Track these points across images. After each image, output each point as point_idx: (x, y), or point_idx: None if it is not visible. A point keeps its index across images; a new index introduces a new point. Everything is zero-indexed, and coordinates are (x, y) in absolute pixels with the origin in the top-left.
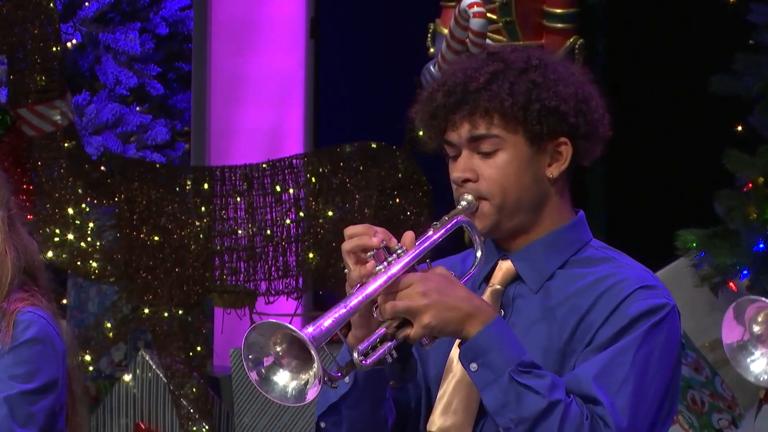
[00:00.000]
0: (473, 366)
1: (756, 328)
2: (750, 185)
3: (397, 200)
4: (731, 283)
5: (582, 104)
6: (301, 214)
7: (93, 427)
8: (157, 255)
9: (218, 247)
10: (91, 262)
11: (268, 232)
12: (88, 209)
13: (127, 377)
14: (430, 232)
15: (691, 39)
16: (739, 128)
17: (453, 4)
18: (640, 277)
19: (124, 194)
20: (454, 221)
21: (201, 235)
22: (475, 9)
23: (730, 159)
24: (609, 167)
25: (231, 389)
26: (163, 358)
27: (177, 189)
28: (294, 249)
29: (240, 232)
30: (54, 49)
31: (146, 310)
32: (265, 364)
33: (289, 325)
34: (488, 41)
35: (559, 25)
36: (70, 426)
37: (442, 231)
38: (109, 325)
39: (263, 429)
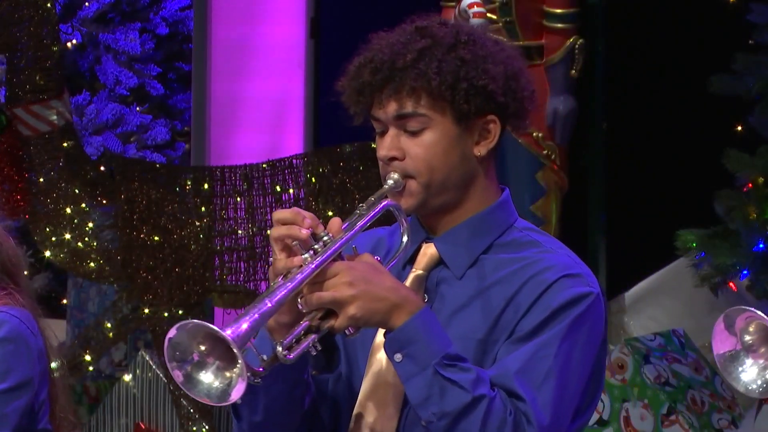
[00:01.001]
0: (398, 357)
1: (747, 338)
2: (750, 185)
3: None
4: (731, 283)
5: (511, 81)
6: None
7: (93, 427)
8: (157, 255)
9: (218, 247)
10: (89, 262)
11: (268, 232)
12: (86, 209)
13: (127, 377)
14: (356, 217)
15: (691, 39)
16: (739, 128)
17: (453, 4)
18: (564, 264)
19: (124, 194)
20: (381, 205)
21: (201, 235)
22: (475, 9)
23: (730, 159)
24: (609, 167)
25: None
26: (163, 358)
27: (177, 189)
28: None
29: (240, 232)
30: (52, 48)
31: (146, 310)
32: (189, 364)
33: (212, 326)
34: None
35: (559, 25)
36: (55, 423)
37: (369, 216)
38: (109, 325)
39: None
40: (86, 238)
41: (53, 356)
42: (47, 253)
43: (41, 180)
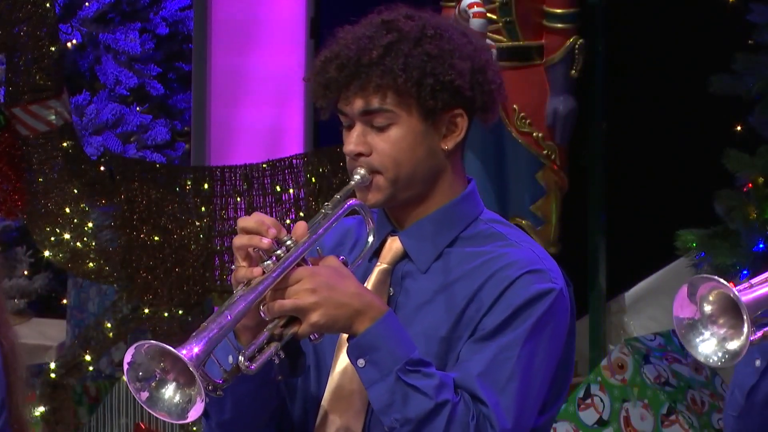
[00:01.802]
0: (360, 362)
1: (707, 308)
2: (750, 185)
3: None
4: (731, 283)
5: (478, 75)
6: (301, 214)
7: (93, 427)
8: (157, 255)
9: (218, 247)
10: (88, 262)
11: None
12: (86, 209)
13: None
14: (321, 217)
15: (691, 39)
16: (739, 128)
17: (453, 4)
18: (527, 259)
19: (124, 194)
20: (347, 205)
21: (201, 235)
22: (475, 9)
23: (730, 159)
24: (609, 167)
25: None
26: None
27: (177, 189)
28: None
29: None
30: (51, 48)
31: (146, 310)
32: (153, 381)
33: (168, 347)
34: (488, 41)
35: (559, 25)
36: (14, 425)
37: (333, 218)
38: (109, 325)
39: None
40: (85, 238)
41: (17, 358)
42: (46, 253)
43: (40, 180)
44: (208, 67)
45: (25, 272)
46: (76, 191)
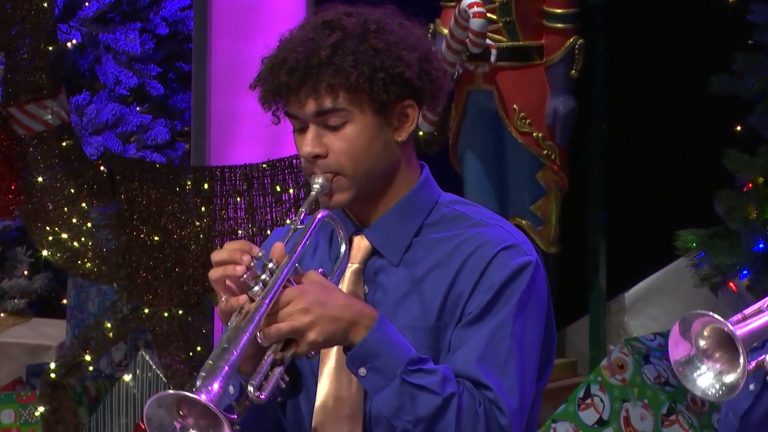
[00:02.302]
0: (362, 371)
1: (702, 343)
2: (750, 185)
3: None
4: (731, 283)
5: (425, 64)
6: None
7: (93, 427)
8: (157, 255)
9: (218, 247)
10: (86, 261)
11: (268, 232)
12: (84, 209)
13: (127, 377)
14: (293, 234)
15: (691, 39)
16: (739, 128)
17: (453, 4)
18: (499, 237)
19: (124, 194)
20: (317, 219)
21: (201, 235)
22: (475, 9)
23: (730, 159)
24: (609, 167)
25: None
26: (163, 358)
27: (177, 189)
28: None
29: (240, 232)
30: (48, 48)
31: (146, 310)
32: None
33: (187, 393)
34: (488, 41)
35: (559, 25)
36: None
37: (308, 234)
38: (109, 325)
39: None
40: (83, 238)
41: None
42: (44, 253)
43: (38, 180)
44: (208, 67)
45: (25, 272)
46: (73, 191)
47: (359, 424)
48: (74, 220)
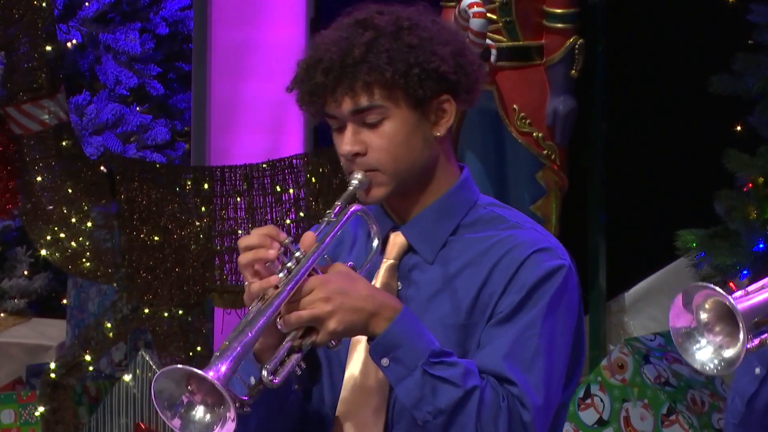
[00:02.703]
0: (384, 362)
1: (703, 316)
2: (750, 185)
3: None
4: (731, 283)
5: (459, 58)
6: (301, 214)
7: (93, 427)
8: (157, 255)
9: (218, 247)
10: (84, 261)
11: None
12: (83, 208)
13: (127, 377)
14: (325, 225)
15: (691, 39)
16: (739, 128)
17: (453, 4)
18: (533, 239)
19: (124, 194)
20: (349, 212)
21: (201, 235)
22: (475, 9)
23: (730, 159)
24: (609, 167)
25: None
26: (163, 358)
27: (177, 189)
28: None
29: (240, 232)
30: (46, 48)
31: (146, 310)
32: (181, 407)
33: (195, 369)
34: (488, 41)
35: (559, 25)
36: None
37: (338, 227)
38: (109, 325)
39: None
40: (80, 238)
41: None
42: (43, 252)
43: (36, 179)
44: (209, 66)
45: (25, 272)
46: (71, 191)
47: (382, 416)
48: (73, 220)
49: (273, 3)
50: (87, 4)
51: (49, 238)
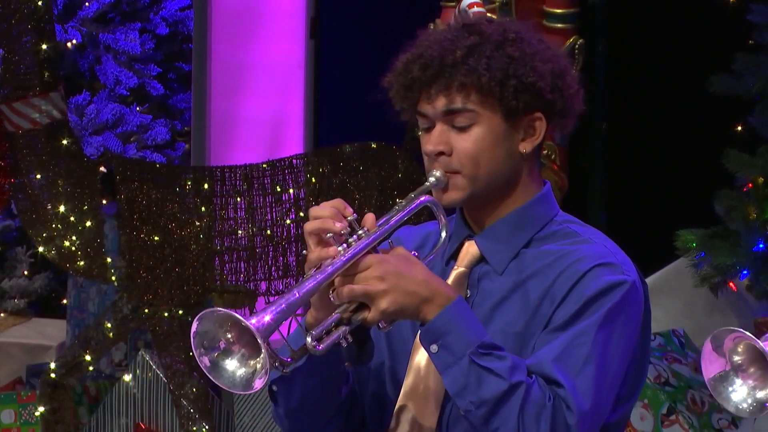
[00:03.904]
0: (433, 348)
1: (736, 358)
2: (750, 185)
3: (398, 200)
4: (731, 283)
5: (558, 80)
6: (301, 214)
7: (93, 427)
8: (157, 255)
9: (218, 247)
10: (81, 259)
11: (269, 232)
12: (77, 207)
13: (127, 377)
14: (393, 212)
15: (691, 39)
16: (739, 128)
17: (453, 4)
18: (598, 253)
19: (124, 194)
20: (418, 201)
21: (201, 235)
22: (475, 9)
23: (730, 159)
24: (609, 167)
25: None
26: (163, 358)
27: (177, 189)
28: (294, 249)
29: (240, 232)
30: (41, 46)
31: (146, 310)
32: (216, 351)
33: (238, 315)
34: None
35: (559, 25)
36: None
37: (405, 212)
38: (109, 325)
39: (263, 429)
40: (72, 236)
41: None
42: (40, 249)
43: (28, 177)
44: (209, 66)
45: (25, 272)
46: (68, 189)
47: (436, 414)
48: (72, 219)
49: (273, 4)
50: (87, 4)
51: (45, 235)
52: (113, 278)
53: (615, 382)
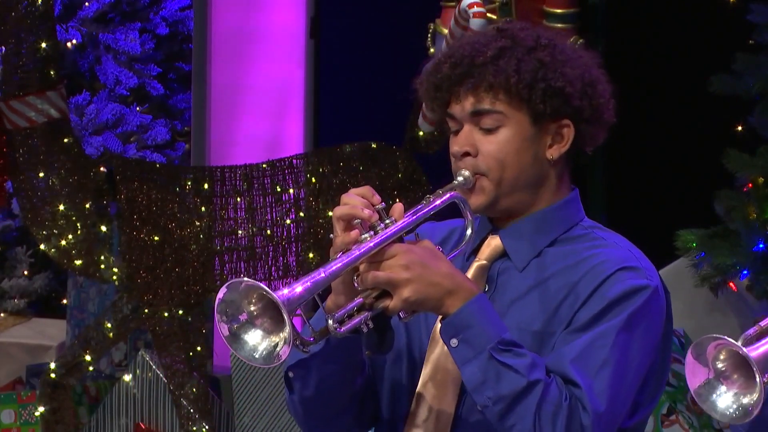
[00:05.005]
0: (453, 342)
1: (719, 365)
2: (750, 185)
3: (397, 200)
4: (731, 283)
5: (588, 87)
6: (302, 214)
7: (93, 427)
8: (157, 255)
9: (218, 247)
10: (80, 258)
11: (269, 232)
12: (76, 206)
13: (127, 377)
14: (422, 205)
15: (691, 39)
16: (739, 128)
17: (453, 4)
18: (621, 257)
19: (124, 194)
20: (447, 197)
21: (201, 235)
22: (475, 9)
23: (730, 159)
24: (609, 167)
25: (231, 389)
26: (163, 358)
27: (177, 189)
28: (294, 249)
29: (240, 232)
30: (39, 45)
31: (146, 310)
32: (237, 322)
33: (265, 287)
34: None
35: (559, 25)
36: None
37: (432, 206)
38: (109, 325)
39: (263, 429)
40: (69, 236)
41: None
42: (42, 246)
43: (25, 175)
44: (208, 66)
45: (25, 272)
46: (67, 188)
47: (453, 404)
48: (73, 217)
49: (273, 2)
50: (87, 4)
51: (45, 233)
52: (113, 278)
53: (633, 385)
